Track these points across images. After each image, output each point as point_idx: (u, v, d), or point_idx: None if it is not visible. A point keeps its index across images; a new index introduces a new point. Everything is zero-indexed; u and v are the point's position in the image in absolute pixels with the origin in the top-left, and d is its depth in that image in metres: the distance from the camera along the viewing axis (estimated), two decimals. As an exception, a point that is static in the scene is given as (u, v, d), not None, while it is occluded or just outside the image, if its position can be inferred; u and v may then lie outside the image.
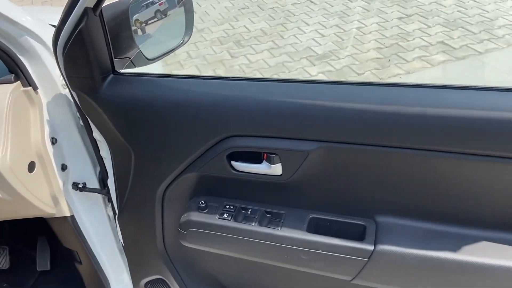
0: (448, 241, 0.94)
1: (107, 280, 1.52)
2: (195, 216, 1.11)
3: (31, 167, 1.21)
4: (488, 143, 0.82)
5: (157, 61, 1.22)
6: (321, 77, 3.91)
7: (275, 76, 3.98)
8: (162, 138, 1.07)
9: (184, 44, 1.27)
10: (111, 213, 1.50)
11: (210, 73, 4.18)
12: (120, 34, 1.09)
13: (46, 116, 1.25)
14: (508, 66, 3.80)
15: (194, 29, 1.30)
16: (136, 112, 1.07)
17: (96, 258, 1.49)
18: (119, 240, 1.41)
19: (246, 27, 5.02)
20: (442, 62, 3.95)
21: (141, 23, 1.19)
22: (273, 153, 0.99)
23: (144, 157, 1.11)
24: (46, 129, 1.25)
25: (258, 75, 4.06)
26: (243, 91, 0.99)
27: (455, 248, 0.91)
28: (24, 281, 1.75)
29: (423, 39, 4.32)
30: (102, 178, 1.39)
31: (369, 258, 0.96)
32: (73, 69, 1.05)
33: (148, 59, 1.18)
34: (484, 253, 0.90)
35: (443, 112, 0.84)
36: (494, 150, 0.82)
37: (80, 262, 1.51)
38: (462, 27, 4.43)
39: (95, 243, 1.47)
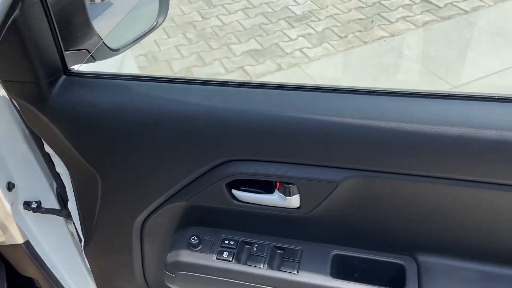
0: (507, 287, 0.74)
1: (77, 308, 1.28)
2: (186, 256, 0.87)
3: (-37, 195, 0.93)
4: None
5: (124, 51, 0.93)
6: (302, 41, 3.63)
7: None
8: (137, 160, 0.81)
9: (157, 26, 0.98)
10: (73, 229, 1.25)
11: (179, 36, 3.81)
12: (71, 18, 0.79)
13: (-21, 126, 0.95)
14: (496, 26, 3.62)
15: None
16: (100, 126, 0.80)
17: (61, 284, 1.24)
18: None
19: (217, -16, 4.60)
20: (427, 23, 3.73)
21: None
22: (290, 183, 0.75)
23: (114, 183, 0.85)
24: (-19, 142, 0.96)
25: (233, 39, 3.73)
26: (248, 102, 0.73)
27: None
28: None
29: (406, -3, 4.06)
30: (61, 194, 1.12)
31: (413, 312, 0.76)
32: (10, 72, 0.76)
33: (112, 50, 0.89)
34: None
35: (502, 137, 0.62)
36: None
37: (42, 289, 1.26)
38: (447, -16, 4.19)
39: (59, 268, 1.22)
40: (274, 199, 0.79)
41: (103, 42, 0.86)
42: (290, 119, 0.70)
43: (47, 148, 0.92)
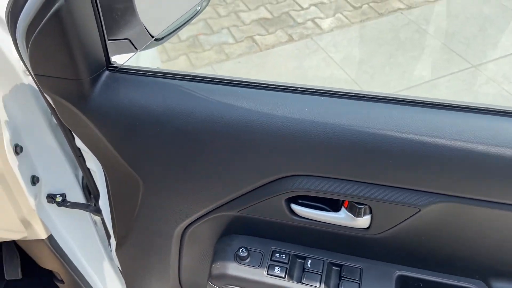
0: None
1: (98, 300, 1.23)
2: (234, 270, 0.80)
3: (-12, 193, 0.84)
4: None
5: (166, 40, 0.82)
6: (314, 11, 3.47)
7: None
8: (187, 166, 0.73)
9: (201, 11, 0.88)
10: (98, 218, 1.17)
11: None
12: (115, 5, 0.68)
13: (3, 117, 0.85)
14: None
15: None
16: (146, 129, 0.71)
17: (83, 278, 1.18)
18: (113, 256, 1.11)
19: None
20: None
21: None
22: (363, 204, 0.68)
23: (159, 189, 0.78)
24: (6, 134, 0.86)
25: (242, 6, 3.56)
26: (321, 113, 0.65)
27: None
28: (-9, 289, 1.43)
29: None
30: (87, 186, 1.04)
31: None
32: (45, 67, 0.66)
33: (156, 39, 0.78)
34: None
35: None
36: None
37: (62, 282, 1.20)
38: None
39: (82, 262, 1.16)
40: (341, 218, 0.72)
41: (147, 30, 0.76)
42: (369, 135, 0.62)
43: (79, 143, 0.83)
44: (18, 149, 0.89)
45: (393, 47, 3.16)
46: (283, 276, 0.78)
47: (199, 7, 0.87)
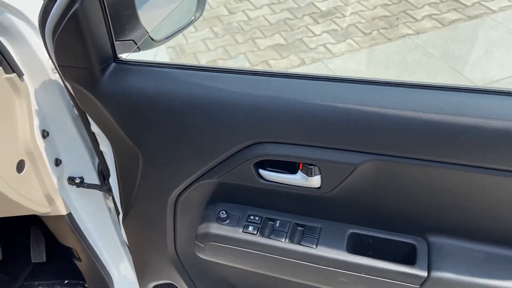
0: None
1: (110, 276, 1.40)
2: (215, 228, 0.96)
3: (20, 166, 1.04)
4: None
5: (164, 42, 1.02)
6: (325, 37, 3.68)
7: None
8: (176, 140, 0.90)
9: (195, 20, 1.07)
10: (111, 205, 1.36)
11: (206, 30, 3.91)
12: (121, 12, 0.88)
13: (34, 106, 1.06)
14: (524, 27, 3.59)
15: None
16: (144, 109, 0.90)
17: (97, 255, 1.35)
18: (122, 234, 1.27)
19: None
20: (453, 22, 3.73)
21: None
22: (312, 164, 0.83)
23: (154, 160, 0.95)
24: (36, 121, 1.07)
25: (258, 33, 3.81)
26: (276, 89, 0.82)
27: None
28: (19, 271, 1.62)
29: (433, -5, 4.06)
30: (102, 171, 1.23)
31: (421, 285, 0.83)
32: (66, 58, 0.86)
33: (155, 41, 0.98)
34: None
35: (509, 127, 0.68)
36: None
37: (79, 259, 1.38)
38: (475, -17, 4.16)
39: (96, 240, 1.33)
40: (297, 179, 0.87)
41: (147, 34, 0.96)
42: (314, 106, 0.78)
43: (94, 128, 1.02)
44: (45, 134, 1.09)
45: (400, 69, 3.31)
46: (256, 233, 0.93)
47: (193, 17, 1.06)
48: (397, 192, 0.84)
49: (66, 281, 1.58)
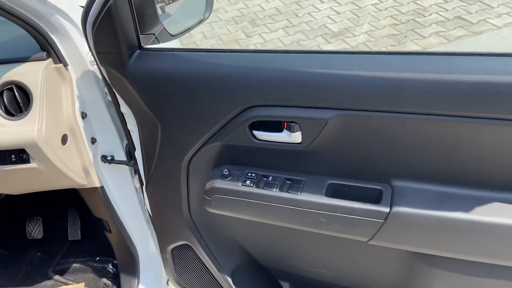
0: (461, 203, 0.98)
1: (135, 247, 1.61)
2: (219, 183, 1.17)
3: (64, 139, 1.28)
4: (498, 107, 0.86)
5: (179, 37, 1.27)
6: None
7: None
8: (186, 109, 1.13)
9: (204, 20, 1.32)
10: (138, 185, 1.58)
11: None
12: (145, 11, 1.14)
13: (76, 92, 1.32)
14: (528, 40, 3.74)
15: None
16: (161, 86, 1.13)
17: (124, 227, 1.57)
18: (146, 210, 1.49)
19: (260, 6, 5.02)
20: (459, 37, 3.92)
21: (162, 1, 1.24)
22: (293, 122, 1.04)
23: (170, 128, 1.18)
24: (77, 104, 1.32)
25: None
26: (263, 63, 1.04)
27: (467, 209, 0.96)
28: (57, 250, 1.85)
29: (440, 14, 4.27)
30: (129, 151, 1.46)
31: (385, 219, 1.01)
32: (102, 46, 1.11)
33: (171, 35, 1.23)
34: (496, 213, 0.94)
35: (455, 77, 0.87)
36: (504, 113, 0.86)
37: (110, 231, 1.60)
38: (480, 1, 4.36)
39: (123, 212, 1.56)
40: (283, 136, 1.08)
41: (165, 29, 1.21)
42: (294, 73, 1.00)
43: (123, 109, 1.26)
44: (84, 115, 1.35)
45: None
46: (252, 185, 1.14)
47: (202, 17, 1.31)
48: (363, 143, 1.03)
49: (97, 258, 1.80)
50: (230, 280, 1.37)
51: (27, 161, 1.21)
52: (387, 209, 1.01)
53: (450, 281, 1.06)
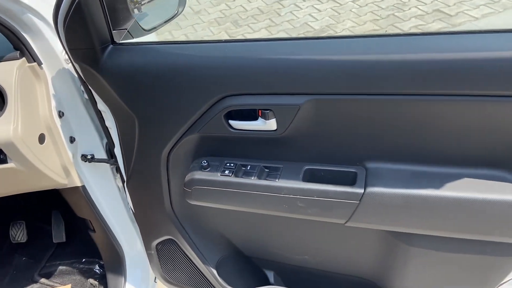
0: (432, 180, 1.00)
1: (120, 246, 1.61)
2: (199, 175, 1.18)
3: (41, 138, 1.28)
4: (463, 83, 0.88)
5: (153, 31, 1.28)
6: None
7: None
8: (163, 102, 1.14)
9: (178, 14, 1.33)
10: (120, 184, 1.58)
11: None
12: (116, 6, 1.14)
13: (51, 91, 1.31)
14: (505, 30, 3.80)
15: (191, 11, 1.36)
16: (136, 80, 1.14)
17: (108, 226, 1.57)
18: (130, 208, 1.49)
19: (243, 7, 5.04)
20: (438, 30, 3.97)
21: (136, 2, 1.25)
22: (267, 109, 1.05)
23: (147, 122, 1.18)
24: (53, 103, 1.32)
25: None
26: (236, 52, 1.05)
27: (438, 186, 0.98)
28: (42, 253, 1.84)
29: (419, 8, 4.33)
30: (109, 149, 1.46)
31: (360, 200, 1.03)
32: (74, 42, 1.11)
33: (145, 30, 1.24)
34: (464, 189, 0.96)
35: (420, 57, 0.89)
36: (468, 89, 0.88)
37: (94, 230, 1.60)
38: (458, -6, 4.43)
39: (107, 211, 1.56)
40: (258, 124, 1.09)
41: (138, 24, 1.21)
42: (265, 61, 1.01)
43: (100, 106, 1.26)
44: (60, 114, 1.34)
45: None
46: (231, 175, 1.15)
47: (176, 12, 1.32)
48: (336, 127, 1.05)
49: (84, 259, 1.79)
50: (215, 272, 1.38)
51: (4, 161, 1.20)
52: (361, 190, 1.03)
53: (426, 257, 1.08)
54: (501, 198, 0.94)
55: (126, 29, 1.19)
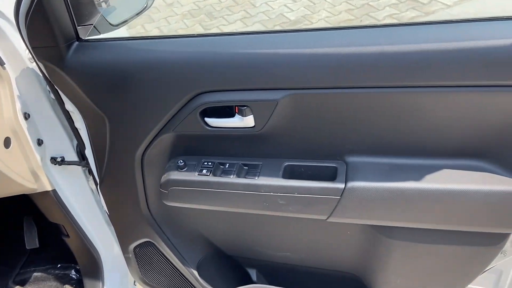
0: (412, 172, 0.99)
1: (96, 250, 1.55)
2: (175, 175, 1.14)
3: (6, 143, 1.21)
4: (441, 75, 0.86)
5: (122, 26, 1.22)
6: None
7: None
8: (134, 101, 1.09)
9: (148, 8, 1.27)
10: (94, 187, 1.52)
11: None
12: (81, 0, 1.08)
13: (16, 92, 1.24)
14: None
15: (164, 4, 1.30)
16: (105, 78, 1.08)
17: (82, 230, 1.51)
18: (105, 211, 1.43)
19: (216, -2, 4.96)
20: (412, 18, 3.99)
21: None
22: (244, 106, 1.01)
23: (118, 122, 1.13)
24: (18, 104, 1.25)
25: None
26: (210, 47, 1.01)
27: (418, 178, 0.96)
28: (16, 260, 1.77)
29: (393, -3, 4.34)
30: (80, 151, 1.40)
31: (341, 195, 1.00)
32: (37, 40, 1.05)
33: (113, 25, 1.18)
34: (444, 180, 0.95)
35: (396, 48, 0.87)
36: (444, 80, 0.87)
37: (68, 235, 1.53)
38: (431, -18, 4.45)
39: (80, 216, 1.49)
40: (235, 121, 1.05)
41: (105, 19, 1.15)
42: (241, 56, 0.97)
43: (67, 106, 1.20)
44: (26, 116, 1.27)
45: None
46: (209, 174, 1.11)
47: (146, 5, 1.26)
48: (314, 122, 1.02)
49: (59, 265, 1.73)
50: (196, 273, 1.34)
51: None
52: (342, 185, 1.00)
53: (408, 250, 1.07)
54: (479, 188, 0.93)
55: (92, 24, 1.13)
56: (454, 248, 1.03)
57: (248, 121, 1.04)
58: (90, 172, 1.39)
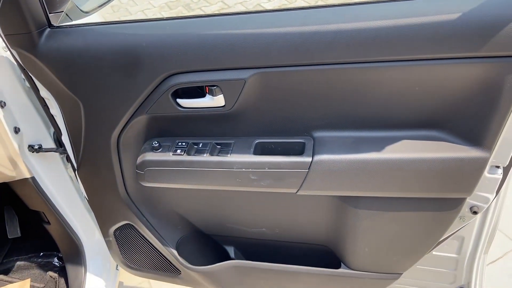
0: (373, 144, 1.05)
1: (77, 236, 1.58)
2: (150, 156, 1.18)
3: (-17, 131, 1.23)
4: (396, 49, 0.92)
5: (93, 13, 1.25)
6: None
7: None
8: (107, 85, 1.12)
9: (119, -5, 1.30)
10: (72, 174, 1.55)
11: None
12: (51, -13, 1.11)
13: (-10, 80, 1.26)
14: None
15: None
16: (78, 63, 1.11)
17: (63, 216, 1.54)
18: (84, 197, 1.46)
19: (193, -10, 4.95)
20: None
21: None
22: (214, 85, 1.06)
23: (93, 106, 1.16)
24: (-7, 93, 1.27)
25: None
26: (178, 29, 1.04)
27: (379, 149, 1.02)
28: (-3, 251, 1.79)
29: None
30: (57, 138, 1.43)
31: (309, 168, 1.06)
32: (9, 27, 1.07)
33: (84, 12, 1.21)
34: (404, 150, 1.01)
35: (354, 26, 0.92)
36: (402, 54, 0.92)
37: (48, 222, 1.56)
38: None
39: (60, 202, 1.52)
40: (206, 101, 1.09)
41: (76, 6, 1.18)
42: (209, 36, 1.01)
43: (43, 93, 1.23)
44: (2, 104, 1.29)
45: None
46: (183, 154, 1.15)
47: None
48: (281, 100, 1.07)
49: (42, 253, 1.75)
50: (175, 252, 1.39)
51: None
52: (309, 159, 1.06)
53: (373, 218, 1.13)
54: (435, 156, 0.99)
55: (63, 11, 1.16)
56: (415, 215, 1.10)
57: (218, 100, 1.08)
58: (68, 158, 1.42)
